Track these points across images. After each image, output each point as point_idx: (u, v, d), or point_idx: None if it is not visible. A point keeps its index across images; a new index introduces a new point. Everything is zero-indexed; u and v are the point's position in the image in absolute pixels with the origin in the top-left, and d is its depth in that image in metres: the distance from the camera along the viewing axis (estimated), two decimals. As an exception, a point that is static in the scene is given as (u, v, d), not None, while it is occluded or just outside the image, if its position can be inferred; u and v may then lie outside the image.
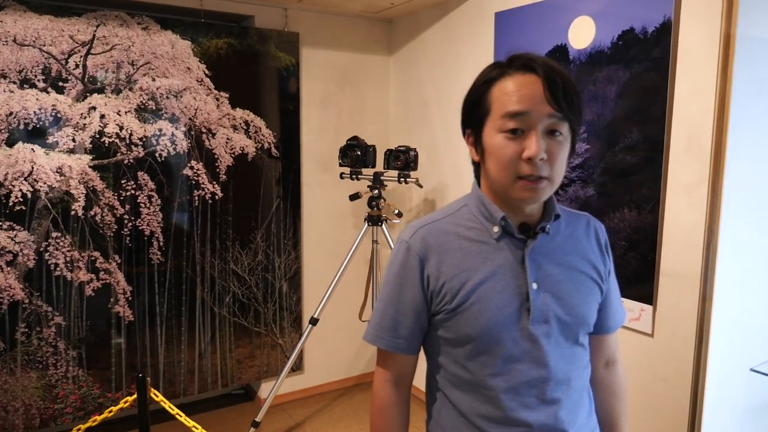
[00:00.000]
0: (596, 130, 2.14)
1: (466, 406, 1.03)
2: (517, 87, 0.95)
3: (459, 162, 2.84)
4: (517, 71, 0.97)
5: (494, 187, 1.01)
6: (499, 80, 0.98)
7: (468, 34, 2.72)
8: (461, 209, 1.07)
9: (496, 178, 0.99)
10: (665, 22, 1.89)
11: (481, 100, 1.00)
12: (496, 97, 0.97)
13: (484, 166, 1.02)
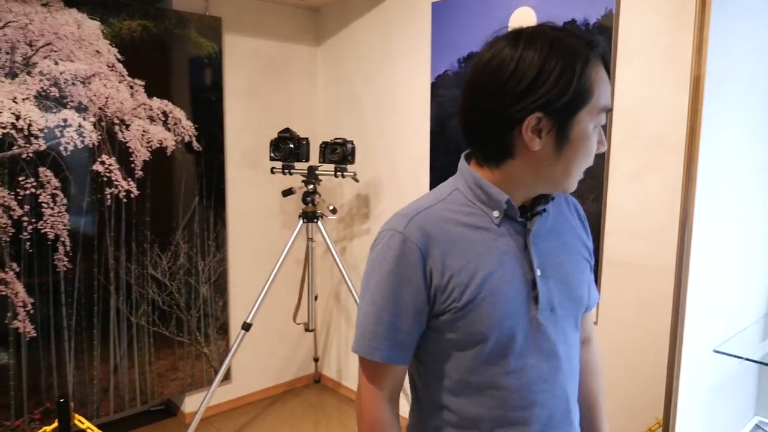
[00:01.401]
0: (538, 121, 2.14)
1: (470, 413, 0.93)
2: (606, 78, 0.88)
3: (393, 156, 2.76)
4: (597, 58, 0.86)
5: (548, 176, 0.90)
6: (595, 63, 0.86)
7: (402, 25, 2.65)
8: (453, 193, 0.94)
9: (568, 169, 0.89)
10: (607, 14, 1.92)
11: (573, 85, 0.84)
12: (596, 83, 0.86)
13: (550, 153, 0.87)
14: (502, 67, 0.85)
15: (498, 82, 0.85)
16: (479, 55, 0.90)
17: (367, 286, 0.94)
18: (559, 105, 0.84)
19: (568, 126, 0.86)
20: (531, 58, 0.83)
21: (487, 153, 0.92)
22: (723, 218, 1.33)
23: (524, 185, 0.92)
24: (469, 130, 0.93)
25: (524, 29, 0.88)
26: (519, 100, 0.84)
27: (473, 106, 0.89)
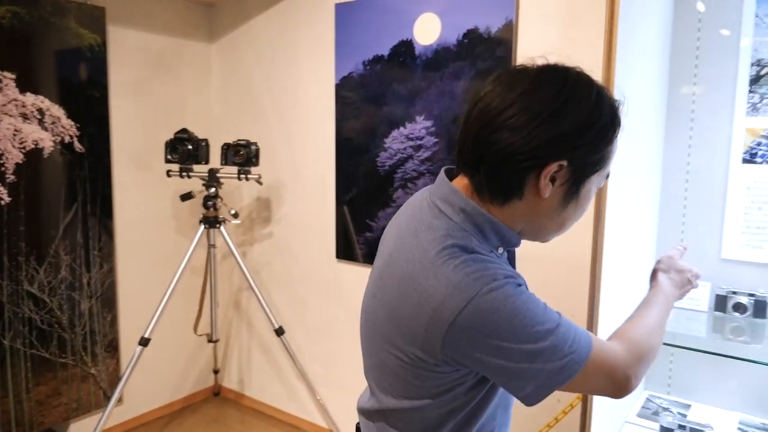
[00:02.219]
0: (444, 124, 2.22)
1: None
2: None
3: (297, 158, 2.72)
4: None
5: (539, 225, 0.91)
6: (618, 130, 0.87)
7: (305, 25, 2.62)
8: (469, 236, 0.89)
9: (561, 223, 0.91)
10: (507, 23, 2.04)
11: (607, 147, 0.86)
12: (614, 152, 0.89)
13: (555, 203, 0.87)
14: (540, 106, 0.82)
15: (531, 120, 0.82)
16: (504, 85, 0.86)
17: (521, 324, 0.81)
18: (586, 161, 0.85)
19: (582, 183, 0.87)
20: (575, 106, 0.83)
21: (494, 188, 0.87)
22: (627, 216, 1.46)
23: (517, 226, 0.91)
24: (477, 160, 0.86)
25: (567, 70, 0.87)
26: (552, 144, 0.82)
27: (490, 136, 0.84)
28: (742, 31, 1.61)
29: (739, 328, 1.59)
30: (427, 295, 0.83)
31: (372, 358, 0.99)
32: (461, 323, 0.80)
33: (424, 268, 0.85)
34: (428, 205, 0.93)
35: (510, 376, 0.83)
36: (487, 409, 0.93)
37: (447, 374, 0.87)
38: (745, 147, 1.64)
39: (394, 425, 0.98)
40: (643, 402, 1.78)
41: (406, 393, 0.92)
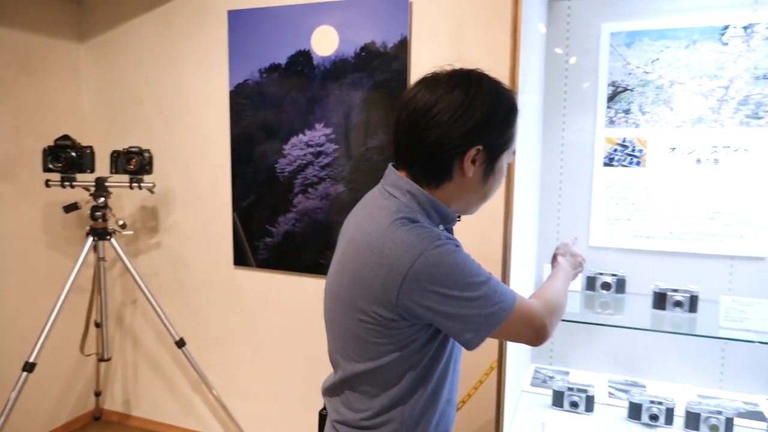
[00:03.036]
0: (344, 131, 2.34)
1: (444, 401, 1.13)
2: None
3: (188, 165, 2.65)
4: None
5: (467, 199, 1.11)
6: (517, 114, 1.09)
7: (194, 31, 2.57)
8: (415, 212, 1.07)
9: (488, 193, 1.12)
10: (402, 39, 2.21)
11: (510, 129, 1.08)
12: (516, 132, 1.10)
13: (477, 181, 1.08)
14: (455, 105, 1.02)
15: (450, 117, 1.02)
16: (422, 93, 1.06)
17: (461, 274, 1.00)
18: (496, 143, 1.06)
19: (496, 161, 1.08)
20: (481, 101, 1.03)
21: (428, 175, 1.06)
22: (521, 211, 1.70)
23: (452, 204, 1.10)
24: (411, 154, 1.06)
25: (470, 73, 1.07)
26: (467, 134, 1.03)
27: (421, 133, 1.04)
28: (599, 58, 1.95)
29: (606, 302, 1.91)
30: (383, 255, 1.01)
31: (337, 331, 1.14)
32: (412, 275, 0.98)
33: (380, 235, 1.02)
34: (380, 192, 1.12)
35: (453, 322, 1.01)
36: (439, 365, 1.10)
37: (403, 330, 1.04)
38: (605, 153, 1.98)
39: (358, 389, 1.12)
40: (532, 373, 2.06)
41: (368, 355, 1.07)
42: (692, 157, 1.88)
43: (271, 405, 2.65)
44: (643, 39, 1.89)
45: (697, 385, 1.93)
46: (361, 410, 1.12)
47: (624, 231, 1.98)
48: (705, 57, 1.83)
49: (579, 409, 1.75)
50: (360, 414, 1.12)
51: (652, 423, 1.68)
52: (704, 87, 1.84)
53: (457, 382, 1.21)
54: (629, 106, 1.93)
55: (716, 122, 1.84)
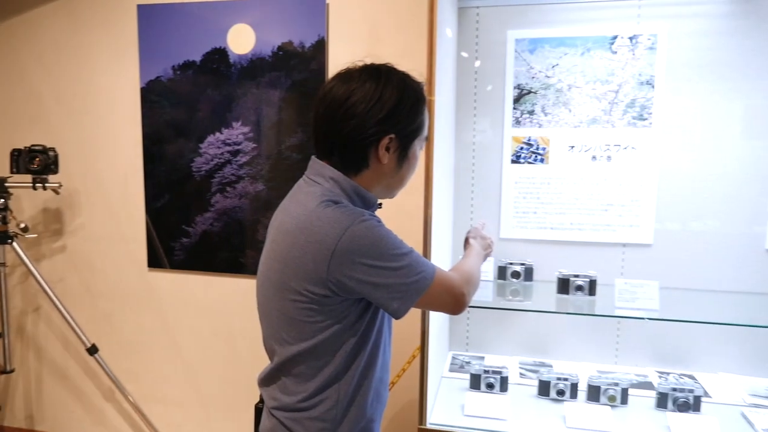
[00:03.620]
0: (263, 130, 2.34)
1: (376, 379, 1.20)
2: (428, 114, 1.20)
3: (95, 164, 2.54)
4: (426, 99, 1.19)
5: (385, 184, 1.19)
6: (426, 101, 1.17)
7: (101, 24, 2.46)
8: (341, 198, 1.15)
9: (399, 181, 1.20)
10: (319, 40, 2.25)
11: (419, 117, 1.16)
12: (426, 118, 1.18)
13: (393, 167, 1.16)
14: (367, 97, 1.11)
15: (363, 110, 1.10)
16: (337, 87, 1.13)
17: (385, 246, 1.08)
18: (407, 131, 1.14)
19: (409, 148, 1.17)
20: (391, 92, 1.12)
21: (347, 163, 1.15)
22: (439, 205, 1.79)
23: (372, 189, 1.18)
24: (330, 144, 1.14)
25: (379, 67, 1.15)
26: (380, 124, 1.11)
27: (338, 124, 1.12)
28: (506, 63, 2.09)
29: (516, 290, 2.06)
30: (312, 234, 1.08)
31: (271, 317, 1.18)
32: (340, 248, 1.05)
33: (308, 217, 1.09)
34: (305, 181, 1.19)
35: (380, 291, 1.09)
36: (370, 342, 1.18)
37: (334, 307, 1.10)
38: (512, 151, 2.12)
39: (294, 373, 1.17)
40: (450, 360, 2.17)
41: (302, 336, 1.13)
42: (588, 154, 2.06)
43: (192, 408, 2.59)
44: (545, 46, 2.05)
45: (597, 362, 2.12)
46: (298, 392, 1.16)
47: (531, 223, 2.13)
48: (597, 63, 2.02)
49: (494, 390, 1.87)
50: (297, 396, 1.17)
51: (559, 398, 1.83)
52: (597, 91, 2.03)
53: (389, 363, 1.28)
54: (533, 107, 2.09)
55: (608, 123, 2.03)
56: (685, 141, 1.99)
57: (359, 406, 1.19)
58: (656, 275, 1.93)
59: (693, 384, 1.79)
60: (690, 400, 1.73)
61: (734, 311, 1.93)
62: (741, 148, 1.96)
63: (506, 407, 1.76)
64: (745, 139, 1.95)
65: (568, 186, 2.09)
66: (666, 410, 1.74)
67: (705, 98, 1.96)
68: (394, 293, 1.09)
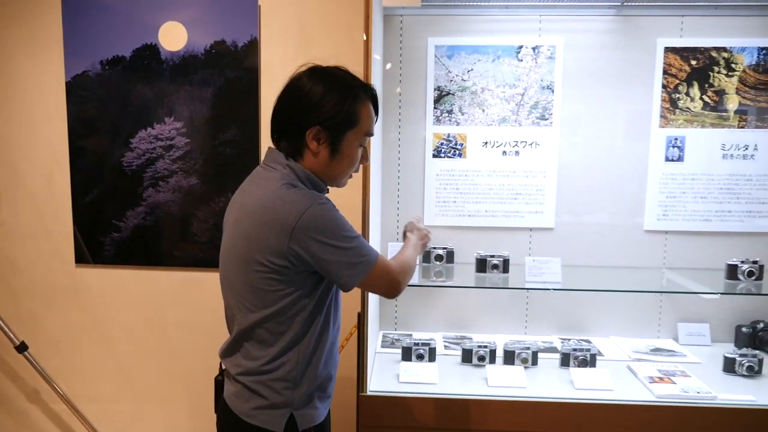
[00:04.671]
0: (196, 126, 2.40)
1: (329, 343, 1.38)
2: (372, 113, 1.34)
3: (12, 161, 2.47)
4: (369, 99, 1.33)
5: (325, 173, 1.34)
6: (363, 100, 1.30)
7: (22, 16, 2.40)
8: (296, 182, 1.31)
9: (338, 172, 1.35)
10: (252, 40, 2.35)
11: (347, 110, 1.29)
12: (364, 116, 1.32)
13: (325, 157, 1.31)
14: (300, 90, 1.29)
15: (295, 100, 1.29)
16: (290, 81, 1.32)
17: (338, 228, 1.25)
18: (331, 123, 1.29)
19: (339, 141, 1.32)
20: (319, 87, 1.28)
21: (290, 151, 1.32)
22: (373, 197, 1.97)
23: (318, 176, 1.35)
24: (277, 133, 1.34)
25: (325, 68, 1.32)
26: (308, 114, 1.28)
27: (279, 116, 1.32)
28: (427, 66, 2.31)
29: (439, 272, 2.28)
30: (275, 212, 1.23)
31: (235, 289, 1.32)
32: (300, 225, 1.22)
33: (270, 197, 1.25)
34: (263, 168, 1.36)
35: (331, 266, 1.26)
36: (323, 309, 1.35)
37: (293, 277, 1.27)
38: (434, 146, 2.35)
39: (256, 338, 1.32)
40: (381, 338, 2.36)
41: (264, 303, 1.28)
42: (499, 149, 2.33)
43: (125, 404, 2.59)
44: (461, 52, 2.30)
45: (510, 333, 2.40)
46: (261, 357, 1.31)
47: (451, 211, 2.37)
48: (506, 70, 2.29)
49: (424, 360, 2.09)
50: (260, 360, 1.31)
51: (480, 363, 2.08)
52: (506, 93, 2.30)
53: (339, 330, 1.45)
54: (451, 107, 2.32)
55: (516, 122, 2.31)
56: (579, 139, 2.31)
57: (315, 365, 1.36)
58: (558, 254, 2.22)
59: (589, 345, 2.10)
60: (588, 357, 2.04)
61: (621, 282, 2.28)
62: (622, 147, 2.31)
63: (436, 374, 1.98)
64: (625, 138, 2.30)
65: (482, 178, 2.34)
66: (569, 367, 2.04)
67: (594, 102, 2.29)
68: (342, 270, 1.27)
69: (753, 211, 2.29)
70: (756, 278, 2.09)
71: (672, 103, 2.26)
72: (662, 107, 2.27)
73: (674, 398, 1.82)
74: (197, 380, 2.52)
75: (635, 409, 1.80)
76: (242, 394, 1.34)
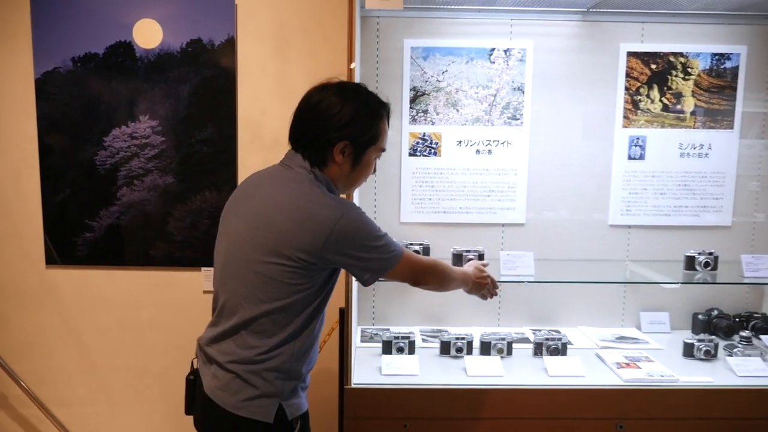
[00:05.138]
0: (172, 124, 2.39)
1: (317, 333, 1.43)
2: (387, 130, 1.45)
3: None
4: (386, 116, 1.44)
5: (344, 182, 1.45)
6: (383, 119, 1.41)
7: (-17, 10, 2.34)
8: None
9: (354, 182, 1.48)
10: (229, 39, 2.36)
11: (373, 129, 1.41)
12: (382, 132, 1.42)
13: (347, 168, 1.42)
14: (332, 107, 1.38)
15: (327, 117, 1.37)
16: (314, 95, 1.41)
17: (370, 231, 1.37)
18: (360, 140, 1.39)
19: (362, 155, 1.42)
20: (350, 107, 1.38)
21: (313, 160, 1.39)
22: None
23: (336, 183, 1.44)
24: (301, 142, 1.42)
25: (352, 86, 1.43)
26: (338, 130, 1.37)
27: (307, 125, 1.40)
28: (403, 67, 2.37)
29: (416, 267, 2.35)
30: (313, 211, 1.32)
31: (246, 279, 1.37)
32: (338, 230, 1.32)
33: (306, 197, 1.34)
34: (283, 166, 1.44)
35: (361, 263, 1.37)
36: (323, 308, 1.44)
37: (315, 273, 1.34)
38: (410, 145, 2.41)
39: (257, 329, 1.36)
40: (360, 333, 2.41)
41: (278, 295, 1.33)
42: (473, 148, 2.41)
43: (98, 406, 2.56)
44: (436, 54, 2.37)
45: (483, 326, 2.48)
46: (258, 347, 1.34)
47: (426, 208, 2.44)
48: (479, 71, 2.37)
49: (405, 352, 2.15)
50: (256, 350, 1.35)
51: (458, 354, 2.16)
52: (479, 94, 2.39)
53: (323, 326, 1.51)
54: (427, 107, 2.39)
55: (488, 122, 2.40)
56: (548, 138, 2.41)
57: (306, 359, 1.43)
58: (528, 249, 2.31)
59: (560, 335, 2.20)
60: (559, 346, 2.15)
61: (587, 274, 2.40)
62: (588, 146, 2.43)
63: (416, 365, 2.04)
64: (590, 138, 2.42)
65: (457, 176, 2.42)
66: (542, 356, 2.13)
67: (562, 103, 2.40)
68: (369, 266, 1.38)
69: (707, 206, 2.45)
70: (711, 268, 2.24)
71: (634, 104, 2.39)
72: (625, 108, 2.40)
73: (641, 382, 1.94)
74: (173, 382, 2.51)
75: (606, 393, 1.91)
76: (230, 386, 1.36)
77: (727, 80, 2.38)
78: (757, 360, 2.06)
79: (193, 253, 2.44)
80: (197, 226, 2.44)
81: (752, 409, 1.91)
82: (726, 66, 2.38)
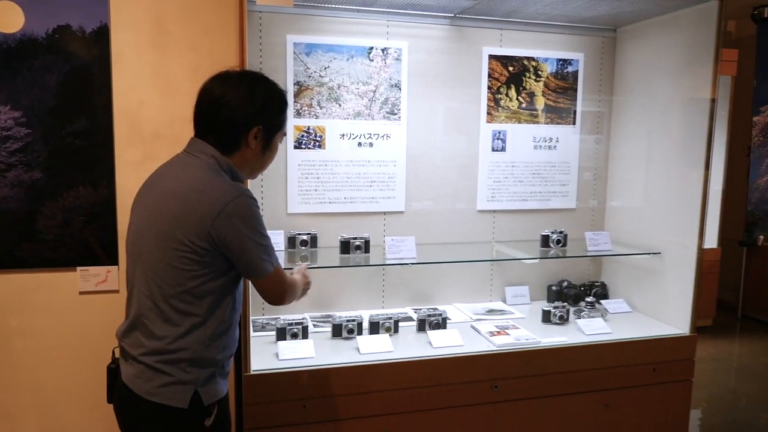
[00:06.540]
0: (38, 115, 2.23)
1: (233, 326, 1.50)
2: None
3: None
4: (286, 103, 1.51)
5: (253, 167, 1.51)
6: (287, 104, 1.49)
7: None
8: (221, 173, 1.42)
9: (265, 163, 1.53)
10: (102, 26, 2.25)
11: (283, 114, 1.47)
12: (285, 119, 1.50)
13: (259, 152, 1.46)
14: (241, 95, 1.40)
15: (240, 102, 1.40)
16: (217, 84, 1.43)
17: (257, 223, 1.39)
18: (271, 124, 1.46)
19: (272, 139, 1.49)
20: (262, 93, 1.44)
21: (223, 145, 1.42)
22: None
23: (240, 169, 1.47)
24: (209, 129, 1.42)
25: (250, 72, 1.48)
26: (252, 116, 1.43)
27: (214, 115, 1.41)
28: (287, 62, 2.42)
29: (305, 256, 2.42)
30: (204, 195, 1.35)
31: (152, 266, 1.38)
32: (226, 212, 1.34)
33: (200, 182, 1.37)
34: (186, 155, 1.46)
35: (243, 257, 1.39)
36: (229, 296, 1.46)
37: (209, 259, 1.37)
38: (295, 138, 2.48)
39: (162, 317, 1.37)
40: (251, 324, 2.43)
41: (177, 281, 1.36)
42: (355, 141, 2.55)
43: (-47, 426, 2.31)
44: (318, 50, 2.46)
45: (369, 309, 2.64)
46: (165, 336, 1.36)
47: (312, 199, 2.54)
48: (359, 68, 2.51)
49: (299, 338, 2.23)
50: (163, 340, 1.36)
51: (350, 335, 2.29)
52: (360, 90, 2.53)
53: (240, 315, 1.54)
54: (311, 101, 2.48)
55: (369, 116, 2.55)
56: (423, 132, 2.63)
57: (219, 346, 1.45)
58: (409, 234, 2.51)
59: (439, 311, 2.42)
60: (440, 321, 2.37)
61: (460, 255, 2.65)
62: (458, 139, 2.68)
63: (312, 348, 2.14)
64: (460, 132, 2.68)
65: (341, 167, 2.54)
66: (425, 331, 2.34)
67: (434, 100, 2.62)
68: (251, 262, 1.40)
69: (556, 192, 2.82)
70: (562, 245, 2.60)
71: (495, 102, 2.68)
72: (488, 105, 2.68)
73: (511, 346, 2.22)
74: (50, 396, 2.36)
75: (482, 358, 2.16)
76: (144, 374, 1.37)
77: (569, 82, 2.76)
78: (600, 320, 2.45)
79: (67, 252, 2.30)
80: (71, 223, 2.30)
81: (599, 361, 2.28)
82: (568, 70, 2.76)
